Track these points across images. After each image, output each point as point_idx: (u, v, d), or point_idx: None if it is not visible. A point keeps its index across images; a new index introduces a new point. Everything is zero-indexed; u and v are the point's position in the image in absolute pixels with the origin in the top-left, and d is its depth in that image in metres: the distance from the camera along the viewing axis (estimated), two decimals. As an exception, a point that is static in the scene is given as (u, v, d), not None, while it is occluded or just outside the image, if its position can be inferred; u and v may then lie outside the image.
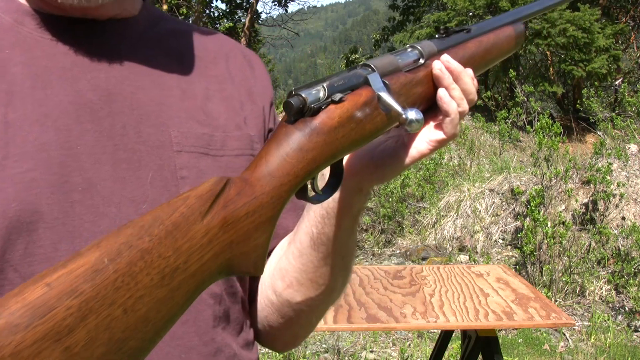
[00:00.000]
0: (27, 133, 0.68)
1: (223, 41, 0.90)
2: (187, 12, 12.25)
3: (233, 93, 0.84)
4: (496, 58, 0.82)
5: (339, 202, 0.75)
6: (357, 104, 0.62)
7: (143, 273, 0.45)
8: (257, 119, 0.86)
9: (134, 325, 0.44)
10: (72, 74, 0.72)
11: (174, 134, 0.76)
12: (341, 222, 0.76)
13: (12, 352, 0.36)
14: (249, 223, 0.54)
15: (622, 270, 4.85)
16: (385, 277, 2.54)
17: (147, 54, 0.79)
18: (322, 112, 0.59)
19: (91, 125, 0.71)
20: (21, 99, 0.69)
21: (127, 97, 0.74)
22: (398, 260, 5.67)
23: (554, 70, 11.50)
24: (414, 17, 13.74)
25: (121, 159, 0.72)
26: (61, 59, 0.72)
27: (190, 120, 0.78)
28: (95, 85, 0.73)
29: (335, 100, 0.59)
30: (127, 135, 0.73)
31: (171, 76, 0.79)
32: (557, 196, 5.56)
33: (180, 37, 0.84)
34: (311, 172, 0.59)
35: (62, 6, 0.71)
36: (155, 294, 0.45)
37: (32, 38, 0.73)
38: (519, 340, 4.26)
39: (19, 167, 0.66)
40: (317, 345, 3.99)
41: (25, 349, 0.36)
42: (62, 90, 0.71)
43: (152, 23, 0.82)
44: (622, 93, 8.16)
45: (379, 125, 0.64)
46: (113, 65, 0.75)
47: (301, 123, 0.59)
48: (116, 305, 0.42)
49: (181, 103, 0.78)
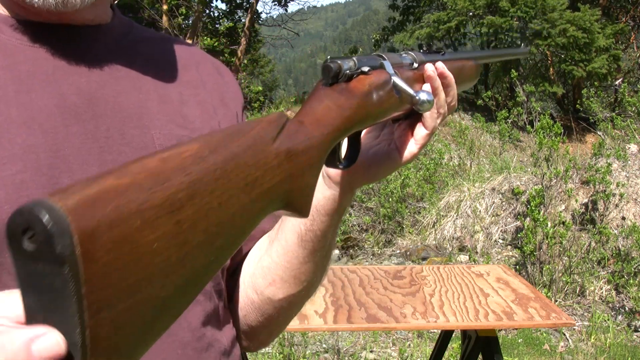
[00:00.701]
0: (14, 136, 0.68)
1: (192, 50, 0.93)
2: (187, 12, 12.24)
3: (206, 98, 0.87)
4: (463, 81, 0.93)
5: (330, 199, 0.81)
6: (379, 79, 0.70)
7: (234, 173, 0.45)
8: (231, 122, 0.89)
9: (223, 222, 0.44)
10: (54, 78, 0.73)
11: (157, 136, 0.78)
12: (330, 219, 0.81)
13: (137, 209, 0.36)
14: (304, 160, 0.57)
15: (622, 270, 4.85)
16: (385, 277, 2.54)
17: (124, 59, 0.80)
18: (354, 79, 0.67)
19: (76, 127, 0.72)
20: (5, 103, 0.69)
21: (110, 100, 0.76)
22: (398, 260, 5.67)
23: (554, 70, 11.51)
24: (414, 17, 13.74)
25: (107, 160, 0.73)
26: (43, 63, 0.73)
27: (169, 123, 0.80)
28: (77, 89, 0.74)
29: (364, 71, 0.68)
30: (112, 138, 0.74)
31: (148, 80, 0.81)
32: (557, 196, 5.56)
33: (153, 44, 0.87)
34: (347, 130, 0.65)
35: (38, 11, 0.72)
36: (240, 199, 0.46)
37: (11, 44, 0.73)
38: (519, 340, 4.26)
39: (7, 170, 0.66)
40: (317, 345, 4.00)
41: (148, 210, 0.37)
42: (46, 94, 0.72)
43: (125, 30, 0.84)
44: (622, 93, 8.16)
45: (392, 105, 0.72)
46: (93, 70, 0.76)
47: (337, 86, 0.66)
48: (214, 195, 0.43)
49: (160, 106, 0.80)
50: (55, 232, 0.32)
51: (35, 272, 0.33)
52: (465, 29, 11.73)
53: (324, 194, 0.81)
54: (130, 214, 0.36)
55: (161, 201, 0.38)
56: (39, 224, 0.32)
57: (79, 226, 0.33)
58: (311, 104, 0.64)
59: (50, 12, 0.72)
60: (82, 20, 0.77)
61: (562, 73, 11.18)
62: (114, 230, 0.35)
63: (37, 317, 0.34)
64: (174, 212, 0.39)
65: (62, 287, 0.33)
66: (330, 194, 0.81)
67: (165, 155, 0.41)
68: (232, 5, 14.26)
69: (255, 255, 0.89)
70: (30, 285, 0.34)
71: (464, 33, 12.50)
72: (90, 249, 0.33)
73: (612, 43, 10.87)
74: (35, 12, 0.72)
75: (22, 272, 0.34)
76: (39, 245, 0.32)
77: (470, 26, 11.37)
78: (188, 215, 0.40)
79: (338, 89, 0.65)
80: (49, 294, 0.33)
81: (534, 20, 10.24)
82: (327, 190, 0.81)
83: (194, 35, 11.07)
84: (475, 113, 10.89)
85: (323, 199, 0.81)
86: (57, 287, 0.33)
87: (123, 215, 0.36)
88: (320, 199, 0.81)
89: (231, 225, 0.45)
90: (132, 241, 0.36)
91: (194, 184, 0.41)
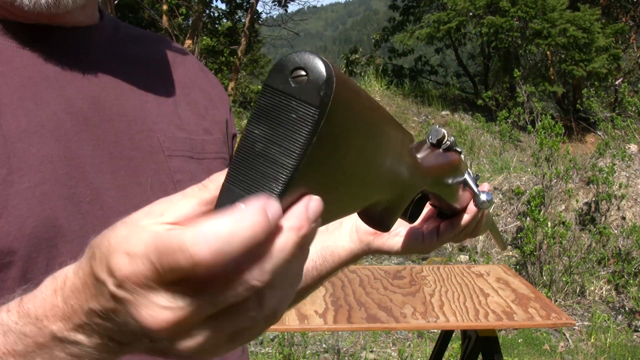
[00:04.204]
0: (28, 145, 0.65)
1: (175, 47, 0.90)
2: (187, 12, 12.24)
3: (196, 98, 0.85)
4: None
5: (347, 252, 0.85)
6: (461, 164, 0.76)
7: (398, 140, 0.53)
8: (221, 123, 0.87)
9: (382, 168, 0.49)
10: (57, 83, 0.70)
11: (162, 138, 0.76)
12: (337, 267, 0.85)
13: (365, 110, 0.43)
14: (407, 185, 0.60)
15: (622, 270, 4.85)
16: (385, 277, 2.54)
17: (118, 60, 0.78)
18: (450, 151, 0.72)
19: (87, 134, 0.70)
20: (12, 112, 0.66)
21: (113, 103, 0.73)
22: (398, 260, 5.66)
23: (554, 70, 11.50)
24: (414, 17, 13.73)
25: (119, 166, 0.71)
26: (42, 68, 0.70)
27: (170, 125, 0.78)
28: (82, 93, 0.71)
29: (458, 150, 0.74)
30: (121, 143, 0.72)
31: (144, 82, 0.79)
32: (558, 196, 5.56)
33: (140, 42, 0.84)
34: (434, 187, 0.69)
35: (26, 14, 0.68)
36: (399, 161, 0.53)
37: (7, 48, 0.70)
38: (519, 340, 4.26)
39: (25, 182, 0.63)
40: (317, 345, 3.99)
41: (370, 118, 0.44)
42: (52, 100, 0.69)
43: (114, 30, 0.82)
44: (622, 93, 8.16)
45: (454, 193, 0.76)
46: (91, 73, 0.74)
47: (437, 149, 0.70)
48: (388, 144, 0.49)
49: (158, 109, 0.78)
50: (326, 80, 0.37)
51: (280, 106, 0.38)
52: (466, 29, 11.72)
53: (344, 246, 0.84)
54: (363, 110, 0.42)
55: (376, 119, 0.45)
56: (316, 69, 0.37)
57: (337, 90, 0.37)
58: (425, 152, 0.67)
59: (41, 15, 0.68)
60: (72, 22, 0.74)
61: (562, 73, 11.18)
62: (348, 112, 0.40)
63: (256, 145, 0.38)
64: (376, 136, 0.45)
65: (302, 127, 0.37)
66: (349, 248, 0.84)
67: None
68: (232, 5, 14.25)
69: None
70: (269, 116, 0.38)
71: (464, 33, 12.49)
72: (336, 110, 0.38)
73: (612, 43, 10.86)
74: (23, 14, 0.69)
75: (267, 102, 0.38)
76: (304, 84, 0.37)
77: (471, 26, 11.36)
78: (380, 143, 0.46)
79: (438, 152, 0.70)
80: (284, 129, 0.37)
81: (534, 20, 10.24)
82: (350, 243, 0.84)
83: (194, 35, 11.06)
84: (475, 113, 10.88)
85: (341, 248, 0.84)
86: (296, 127, 0.37)
87: (357, 107, 0.41)
88: (338, 247, 0.84)
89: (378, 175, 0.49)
90: (355, 131, 0.41)
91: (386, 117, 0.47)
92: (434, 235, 0.81)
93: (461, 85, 14.10)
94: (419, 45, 12.53)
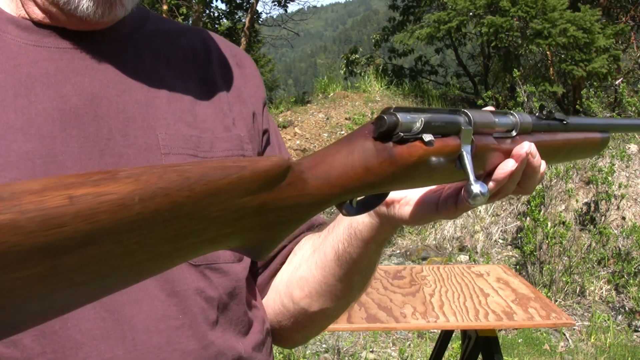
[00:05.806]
0: (11, 142, 0.67)
1: (210, 41, 0.88)
2: (187, 12, 12.24)
3: (221, 94, 0.84)
4: (574, 157, 0.82)
5: (368, 226, 0.77)
6: (440, 152, 0.59)
7: (162, 225, 0.41)
8: (247, 119, 0.85)
9: (123, 268, 0.41)
10: (56, 80, 0.71)
11: (161, 136, 0.75)
12: (367, 246, 0.78)
13: (2, 251, 0.34)
14: (281, 216, 0.51)
15: (622, 270, 4.85)
16: (385, 277, 2.54)
17: (134, 56, 0.78)
18: (407, 144, 0.56)
19: (76, 131, 0.70)
20: (3, 108, 0.68)
21: (113, 100, 0.73)
22: (398, 260, 5.66)
23: (554, 70, 11.50)
24: (414, 17, 13.71)
25: (108, 163, 0.71)
26: (45, 65, 0.71)
27: (178, 122, 0.77)
28: (79, 89, 0.72)
29: (424, 140, 0.56)
30: (114, 139, 0.72)
31: (158, 78, 0.78)
32: (558, 196, 5.56)
33: (167, 37, 0.84)
34: (362, 192, 0.56)
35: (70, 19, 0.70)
36: (160, 248, 0.42)
37: (15, 44, 0.71)
38: (519, 340, 4.26)
39: (2, 177, 0.65)
40: (317, 345, 3.99)
41: (15, 253, 0.35)
42: (46, 97, 0.70)
43: (139, 24, 0.82)
44: (621, 93, 8.16)
45: (444, 177, 0.62)
46: (98, 69, 0.74)
47: (382, 145, 0.55)
48: (121, 245, 0.40)
49: (168, 105, 0.77)
50: None
51: None
52: (466, 29, 11.72)
53: (363, 220, 0.77)
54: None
55: (39, 246, 0.36)
56: None
57: None
58: (339, 150, 0.54)
59: (87, 21, 0.70)
60: (105, 24, 0.75)
61: (563, 73, 11.17)
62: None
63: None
64: (51, 257, 0.37)
65: None
66: (369, 221, 0.77)
67: (77, 194, 0.37)
68: (232, 6, 14.25)
69: (294, 262, 0.87)
70: None
71: (465, 33, 12.49)
72: None
73: (612, 43, 10.86)
74: (64, 19, 0.70)
75: None
76: None
77: (471, 26, 11.36)
78: (72, 262, 0.38)
79: (380, 148, 0.55)
80: None
81: (534, 20, 10.23)
82: (367, 217, 0.76)
83: (194, 35, 11.08)
84: (475, 113, 10.87)
85: (362, 224, 0.77)
86: None
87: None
88: (359, 224, 0.77)
89: (136, 268, 0.43)
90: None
91: (96, 232, 0.38)
92: (451, 203, 0.68)
93: (461, 85, 14.09)
94: (419, 45, 12.52)
